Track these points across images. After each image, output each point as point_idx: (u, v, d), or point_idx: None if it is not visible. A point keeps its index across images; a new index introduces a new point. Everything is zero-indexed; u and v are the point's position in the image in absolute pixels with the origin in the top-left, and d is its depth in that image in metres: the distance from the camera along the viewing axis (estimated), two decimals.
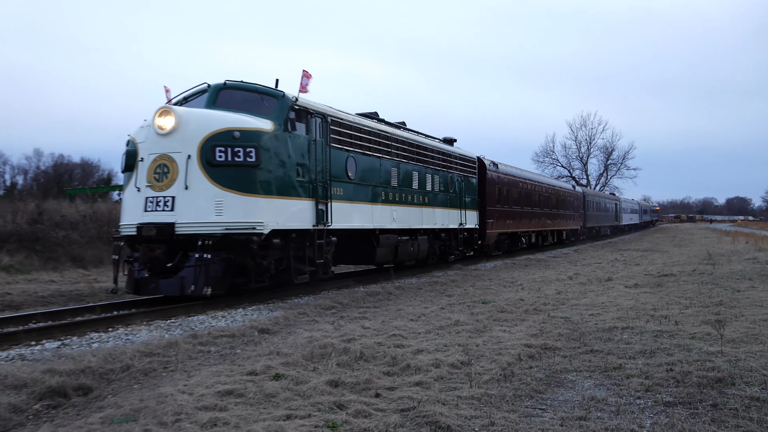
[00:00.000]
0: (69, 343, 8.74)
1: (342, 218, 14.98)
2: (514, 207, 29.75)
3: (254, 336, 9.40)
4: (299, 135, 13.56)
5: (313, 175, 13.86)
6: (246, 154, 12.06)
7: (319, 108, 14.57)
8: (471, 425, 5.09)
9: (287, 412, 5.44)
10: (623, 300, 12.25)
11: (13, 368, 7.02)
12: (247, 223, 12.05)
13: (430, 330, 9.34)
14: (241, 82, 13.81)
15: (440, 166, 21.73)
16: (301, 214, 13.44)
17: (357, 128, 16.29)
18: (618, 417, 5.28)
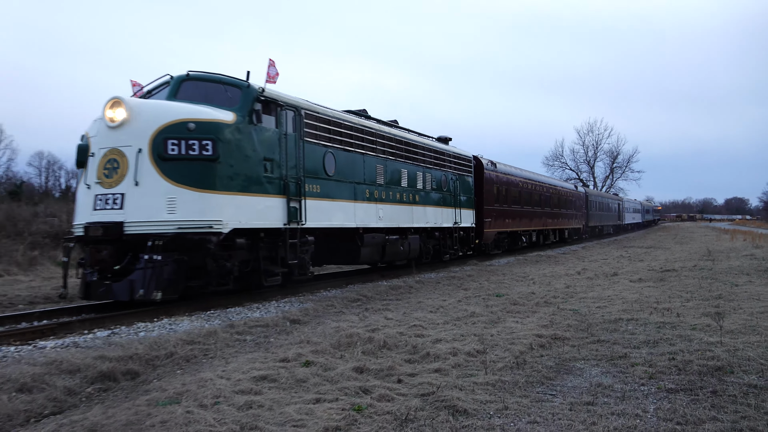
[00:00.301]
0: (118, 332, 8.84)
1: (319, 216, 13.34)
2: (513, 206, 27.99)
3: (286, 326, 9.44)
4: (267, 128, 11.88)
5: (284, 171, 12.20)
6: (202, 147, 10.50)
7: (291, 100, 12.86)
8: (486, 409, 5.07)
9: (317, 396, 5.45)
10: (628, 293, 12.13)
11: (68, 354, 7.12)
12: (203, 221, 10.47)
13: (448, 321, 9.32)
14: (205, 72, 12.15)
15: (433, 164, 19.90)
16: (270, 212, 11.82)
17: (336, 123, 14.52)
18: (623, 402, 5.23)
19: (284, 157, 12.23)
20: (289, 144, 12.44)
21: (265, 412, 4.99)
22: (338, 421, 4.75)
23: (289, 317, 9.99)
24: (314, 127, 13.46)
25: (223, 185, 10.78)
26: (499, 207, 25.97)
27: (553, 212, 35.31)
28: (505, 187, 27.01)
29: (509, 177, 27.99)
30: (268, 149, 11.82)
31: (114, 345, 7.78)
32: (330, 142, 14.00)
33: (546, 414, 4.95)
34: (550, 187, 35.68)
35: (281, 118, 12.33)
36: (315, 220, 13.15)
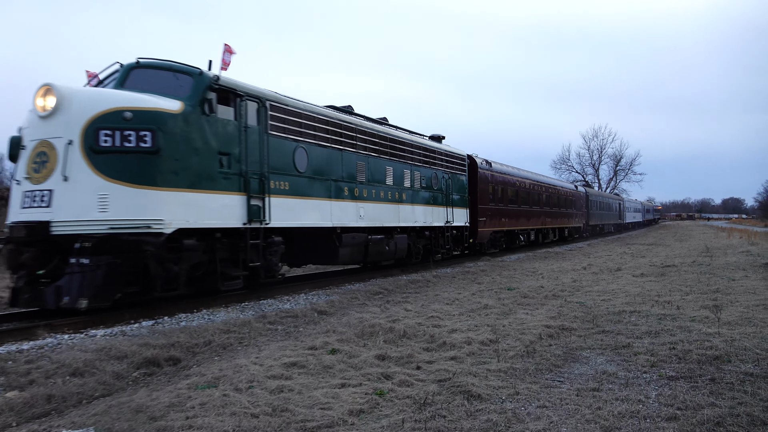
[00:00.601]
0: (161, 322, 8.93)
1: (287, 215, 11.68)
2: (510, 205, 26.07)
3: (314, 316, 9.47)
4: (224, 120, 10.28)
5: (245, 166, 10.58)
6: (139, 138, 8.96)
7: (254, 90, 11.20)
8: (499, 394, 5.04)
9: (342, 381, 5.47)
10: (631, 287, 12.00)
11: (116, 342, 7.21)
12: (140, 221, 8.92)
13: (463, 312, 9.29)
14: (155, 59, 10.58)
15: (422, 162, 18.09)
16: (227, 211, 10.23)
17: (308, 116, 12.73)
18: (627, 389, 5.18)
19: (245, 151, 10.63)
20: (250, 137, 10.82)
21: (294, 396, 5.01)
22: (362, 405, 4.77)
23: (317, 308, 10.02)
24: (282, 120, 11.83)
25: (165, 181, 9.22)
26: (495, 206, 24.33)
27: (552, 211, 33.46)
28: (501, 186, 25.30)
29: (505, 176, 26.25)
30: (225, 142, 10.25)
31: (158, 333, 7.87)
32: (301, 137, 12.35)
33: (554, 399, 4.92)
34: (549, 186, 33.78)
35: (241, 110, 10.71)
36: (282, 219, 11.56)
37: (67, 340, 7.51)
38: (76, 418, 4.71)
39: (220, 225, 10.22)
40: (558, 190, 35.49)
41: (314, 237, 13.16)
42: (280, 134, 11.74)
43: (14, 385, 5.72)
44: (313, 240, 13.24)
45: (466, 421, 4.38)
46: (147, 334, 7.86)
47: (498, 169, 25.35)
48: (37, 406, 5.21)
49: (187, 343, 7.31)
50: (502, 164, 26.66)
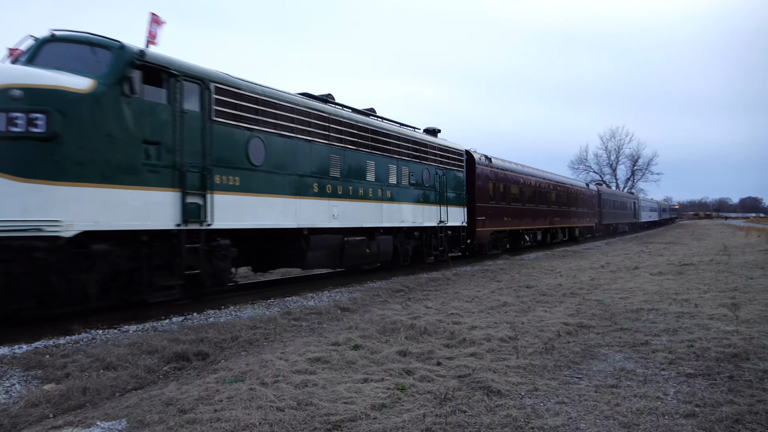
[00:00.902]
0: (191, 318, 9.01)
1: (237, 215, 9.94)
2: (513, 204, 24.06)
3: (337, 313, 9.49)
4: (152, 103, 8.56)
5: (180, 158, 8.85)
6: (30, 122, 7.22)
7: (194, 70, 9.42)
8: (518, 390, 5.01)
9: (364, 376, 5.47)
10: (649, 285, 11.84)
11: (148, 337, 7.30)
12: (27, 222, 7.19)
13: (483, 310, 9.24)
14: (72, 32, 8.92)
15: (411, 156, 16.12)
16: (155, 210, 8.50)
17: (267, 102, 10.85)
18: (645, 386, 5.11)
19: (180, 140, 8.89)
20: (188, 124, 9.08)
21: (318, 390, 5.03)
22: (384, 399, 4.77)
23: (340, 305, 10.05)
24: (232, 106, 10.06)
25: (66, 174, 7.50)
26: (496, 205, 22.38)
27: (561, 210, 31.24)
28: (503, 183, 23.34)
29: (508, 173, 24.09)
30: (153, 129, 8.51)
31: (187, 329, 7.95)
32: (258, 126, 10.52)
33: (573, 395, 4.87)
34: (557, 184, 31.41)
35: (176, 92, 8.95)
36: (230, 220, 9.83)
37: (101, 335, 7.62)
38: (109, 410, 4.78)
39: (145, 227, 8.42)
40: (567, 188, 33.33)
41: (277, 239, 11.50)
42: (230, 122, 9.96)
43: (51, 378, 5.83)
44: (276, 242, 11.60)
45: (486, 416, 4.36)
46: (177, 330, 7.94)
47: (499, 165, 23.50)
48: (73, 398, 5.30)
49: (215, 339, 7.37)
50: (505, 160, 24.73)
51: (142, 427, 4.22)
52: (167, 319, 8.85)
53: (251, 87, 10.67)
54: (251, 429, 4.13)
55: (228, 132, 9.92)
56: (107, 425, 4.29)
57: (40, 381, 5.78)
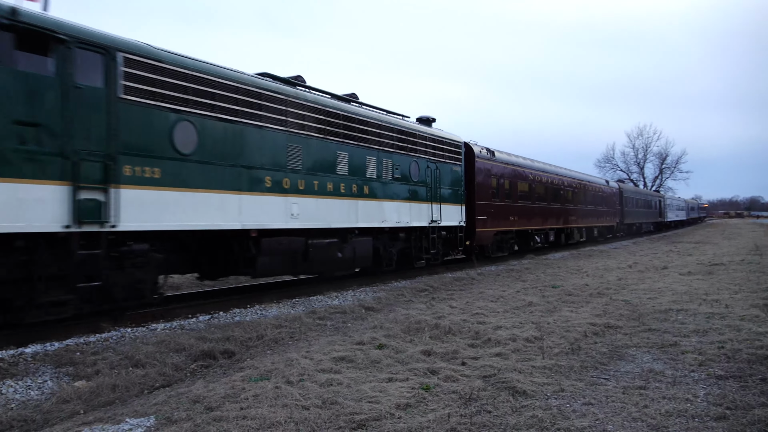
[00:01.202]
0: (217, 317, 9.10)
1: (158, 214, 8.23)
2: (522, 202, 21.99)
3: (361, 312, 9.51)
4: (29, 74, 6.93)
5: (70, 144, 7.22)
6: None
7: (94, 36, 7.72)
8: (544, 391, 4.96)
9: (389, 376, 5.47)
10: (678, 285, 11.64)
11: (175, 335, 7.40)
12: None
13: (507, 309, 9.18)
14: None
15: (396, 147, 14.14)
16: (30, 208, 6.84)
17: (199, 79, 9.02)
18: (674, 387, 5.03)
19: (71, 122, 7.27)
20: (84, 102, 7.47)
21: (343, 389, 5.04)
22: (408, 399, 4.76)
23: (364, 305, 10.07)
24: (150, 82, 8.29)
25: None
26: (500, 202, 20.26)
27: (577, 209, 28.74)
28: (509, 179, 21.21)
29: (515, 168, 21.96)
30: (30, 108, 6.91)
31: (213, 327, 8.03)
32: (188, 107, 8.80)
33: (600, 396, 4.81)
34: (572, 181, 28.76)
35: (67, 62, 7.30)
36: (146, 220, 8.16)
37: (129, 333, 7.75)
38: (138, 407, 4.85)
39: (14, 229, 6.76)
40: (585, 185, 30.71)
41: (219, 242, 9.90)
42: (147, 101, 8.24)
43: (82, 375, 5.94)
44: (219, 246, 9.97)
45: (511, 417, 4.33)
46: (204, 328, 8.03)
47: (504, 159, 21.26)
48: (103, 395, 5.39)
49: (241, 337, 7.44)
50: (511, 154, 22.54)
51: (170, 424, 4.28)
52: (194, 318, 8.95)
53: (177, 60, 8.81)
54: (277, 427, 4.16)
55: (144, 113, 8.21)
56: (136, 422, 4.36)
57: (71, 378, 5.90)
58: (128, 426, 4.27)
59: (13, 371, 5.92)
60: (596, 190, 32.87)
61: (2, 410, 5.03)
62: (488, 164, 19.74)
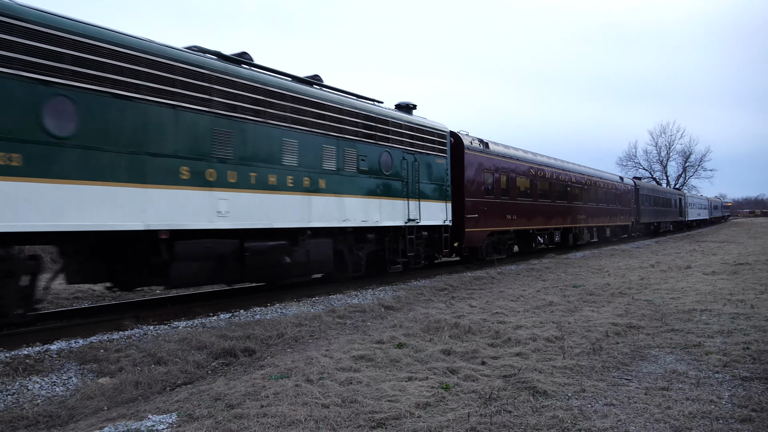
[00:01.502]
0: (238, 315, 9.17)
1: (14, 211, 6.66)
2: (521, 199, 20.18)
3: (381, 311, 9.52)
4: None
5: None
6: None
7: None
8: (564, 391, 4.93)
9: (409, 375, 5.47)
10: (702, 285, 11.47)
11: (197, 333, 7.48)
12: None
13: (528, 309, 9.13)
14: None
15: (363, 135, 12.37)
16: None
17: (82, 45, 7.37)
18: (698, 388, 4.95)
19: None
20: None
21: (363, 388, 5.05)
22: (428, 398, 4.76)
23: (384, 304, 10.07)
24: (5, 45, 6.65)
25: None
26: (494, 199, 18.36)
27: (587, 207, 26.69)
28: (506, 174, 19.35)
29: (513, 162, 20.07)
30: None
31: (234, 326, 8.10)
32: (64, 77, 7.14)
33: (622, 397, 4.76)
34: (581, 177, 26.65)
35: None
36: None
37: (152, 330, 7.84)
38: (160, 403, 4.90)
39: None
40: (595, 181, 28.60)
41: (119, 247, 8.51)
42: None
43: (105, 371, 6.03)
44: (120, 252, 8.57)
45: (531, 417, 4.30)
46: (225, 327, 8.10)
47: (499, 152, 19.23)
48: (126, 391, 5.47)
49: (261, 336, 7.49)
50: (509, 147, 20.57)
51: (192, 421, 4.32)
52: (215, 316, 9.03)
53: (48, 19, 7.11)
54: (297, 425, 4.18)
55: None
56: (158, 418, 4.41)
57: (95, 374, 5.99)
58: (151, 422, 4.32)
59: (39, 368, 6.03)
60: (609, 187, 30.86)
61: (29, 406, 5.13)
62: (480, 158, 17.85)
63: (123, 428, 4.23)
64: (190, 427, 4.17)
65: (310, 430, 4.11)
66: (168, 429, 4.18)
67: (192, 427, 4.15)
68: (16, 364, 6.00)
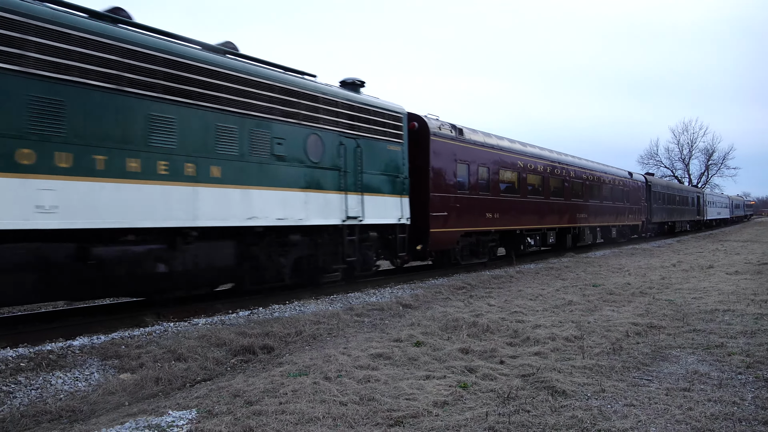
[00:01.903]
0: (257, 312, 9.22)
1: None
2: (506, 195, 17.70)
3: (399, 309, 9.52)
4: None
5: None
6: None
7: None
8: (584, 391, 4.88)
9: (426, 373, 5.47)
10: (724, 285, 11.30)
11: (216, 330, 7.53)
12: None
13: (547, 308, 9.06)
14: None
15: (280, 113, 10.03)
16: None
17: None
18: (720, 390, 4.88)
19: None
20: None
21: (381, 386, 5.05)
22: (446, 396, 4.75)
23: (402, 302, 10.07)
24: None
25: None
26: (470, 195, 15.88)
27: (588, 205, 24.02)
28: (487, 166, 16.80)
29: (496, 152, 17.43)
30: None
31: (253, 323, 8.15)
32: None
33: (642, 398, 4.71)
34: (581, 170, 23.67)
35: None
36: None
37: (172, 327, 7.91)
38: (180, 399, 4.95)
39: None
40: (599, 176, 25.68)
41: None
42: None
43: (127, 367, 6.10)
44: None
45: (550, 417, 4.27)
46: (243, 324, 8.15)
47: (477, 141, 16.60)
48: (147, 387, 5.53)
49: (280, 333, 7.53)
50: (490, 134, 17.83)
51: (211, 417, 4.36)
52: (234, 313, 9.10)
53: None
54: (315, 422, 4.20)
55: None
56: (178, 414, 4.45)
57: (116, 370, 6.07)
58: (171, 418, 4.37)
59: (62, 363, 6.12)
60: (616, 183, 27.76)
61: (52, 400, 5.21)
62: (453, 146, 15.27)
63: (143, 424, 4.27)
64: (209, 423, 4.21)
65: (328, 428, 4.13)
66: (188, 425, 4.22)
67: (211, 424, 4.19)
68: (39, 359, 6.10)
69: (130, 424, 4.27)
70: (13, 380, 5.56)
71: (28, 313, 9.29)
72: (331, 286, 11.79)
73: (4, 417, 4.83)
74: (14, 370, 5.79)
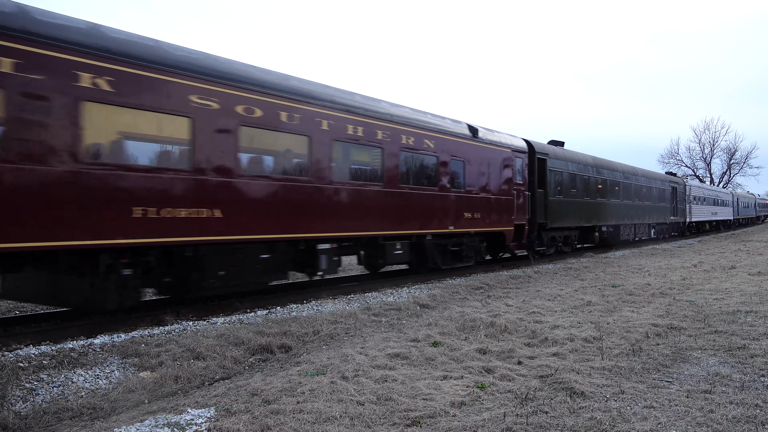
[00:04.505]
0: (274, 312, 9.27)
1: None
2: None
3: (416, 310, 9.51)
4: None
5: None
6: None
7: None
8: (602, 392, 4.84)
9: (444, 373, 5.46)
10: (747, 286, 11.13)
11: (234, 329, 7.59)
12: None
13: (565, 309, 9.00)
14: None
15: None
16: None
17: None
18: (742, 392, 4.81)
19: None
20: None
21: (398, 386, 5.05)
22: (463, 397, 4.73)
23: (419, 302, 10.05)
24: None
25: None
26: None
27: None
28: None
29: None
30: None
31: (271, 322, 8.19)
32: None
33: (662, 400, 4.66)
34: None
35: None
36: None
37: (191, 326, 7.98)
38: (199, 398, 5.00)
39: None
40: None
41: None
42: None
43: (146, 366, 6.17)
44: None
45: (568, 418, 4.24)
46: (261, 323, 8.20)
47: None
48: (166, 385, 5.59)
49: (297, 332, 7.56)
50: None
51: (229, 416, 4.39)
52: (252, 313, 9.15)
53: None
54: (332, 421, 4.21)
55: None
56: (197, 413, 4.49)
57: (136, 368, 6.13)
58: (190, 416, 4.41)
59: (83, 361, 6.21)
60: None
61: (73, 398, 5.29)
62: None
63: (163, 421, 4.32)
64: (227, 421, 4.24)
65: (345, 427, 4.14)
66: (206, 423, 4.25)
67: (230, 422, 4.22)
68: (61, 357, 6.19)
69: (150, 422, 4.31)
70: (36, 377, 5.65)
71: (50, 312, 9.42)
72: (348, 286, 11.85)
73: (27, 414, 4.91)
74: (37, 367, 5.89)
